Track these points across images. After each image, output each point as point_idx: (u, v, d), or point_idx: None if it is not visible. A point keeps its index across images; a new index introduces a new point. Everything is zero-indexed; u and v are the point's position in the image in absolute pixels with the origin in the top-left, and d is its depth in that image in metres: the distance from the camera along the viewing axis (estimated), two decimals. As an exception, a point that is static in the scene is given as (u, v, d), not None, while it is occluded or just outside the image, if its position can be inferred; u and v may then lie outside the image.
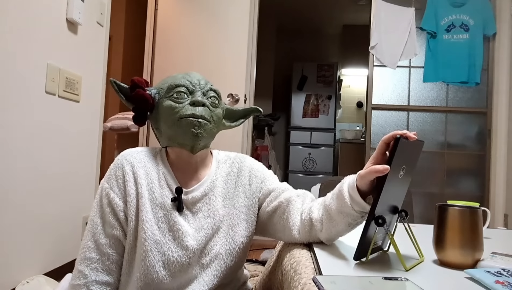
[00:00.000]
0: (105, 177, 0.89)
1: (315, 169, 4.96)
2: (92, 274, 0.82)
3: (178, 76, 0.92)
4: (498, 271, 0.62)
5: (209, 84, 0.92)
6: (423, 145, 0.80)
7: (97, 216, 0.85)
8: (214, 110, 0.90)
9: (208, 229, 0.87)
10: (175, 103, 0.88)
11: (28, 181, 1.55)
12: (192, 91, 0.89)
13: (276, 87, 5.41)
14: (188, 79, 0.90)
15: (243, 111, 1.02)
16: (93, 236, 0.84)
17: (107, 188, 0.86)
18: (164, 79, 0.95)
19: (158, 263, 0.82)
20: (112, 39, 4.07)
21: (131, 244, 0.84)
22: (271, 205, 0.90)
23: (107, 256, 0.83)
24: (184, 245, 0.83)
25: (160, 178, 0.88)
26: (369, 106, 3.13)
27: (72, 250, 1.89)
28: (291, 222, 0.85)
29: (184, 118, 0.86)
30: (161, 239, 0.83)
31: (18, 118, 1.48)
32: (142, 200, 0.84)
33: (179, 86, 0.89)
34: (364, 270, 0.66)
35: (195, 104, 0.87)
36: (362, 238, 0.67)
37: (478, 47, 3.00)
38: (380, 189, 0.66)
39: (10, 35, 1.42)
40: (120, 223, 0.85)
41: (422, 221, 2.80)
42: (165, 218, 0.85)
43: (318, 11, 5.00)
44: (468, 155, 3.08)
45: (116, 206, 0.85)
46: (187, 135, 0.86)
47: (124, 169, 0.87)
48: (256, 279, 1.15)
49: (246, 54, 2.88)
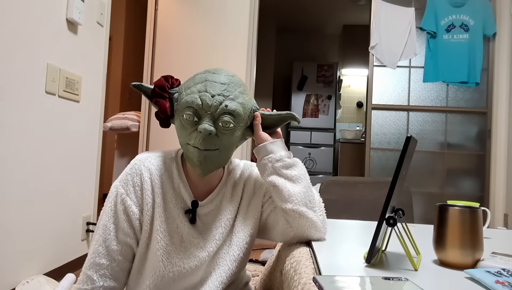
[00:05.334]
0: (120, 180, 0.85)
1: (315, 169, 4.96)
2: (100, 280, 0.81)
3: (197, 86, 0.82)
4: (498, 271, 0.62)
5: (226, 102, 0.79)
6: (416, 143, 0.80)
7: (111, 222, 0.83)
8: (226, 135, 0.82)
9: (219, 240, 0.87)
10: (183, 125, 0.82)
11: (28, 181, 1.55)
12: (201, 115, 0.80)
13: (276, 87, 5.41)
14: (202, 97, 0.79)
15: (276, 119, 0.90)
16: (105, 241, 0.82)
17: (123, 194, 0.83)
18: (190, 79, 0.86)
19: (168, 274, 0.82)
20: (112, 39, 4.08)
21: (142, 252, 0.84)
22: (269, 208, 0.91)
23: (117, 263, 0.83)
24: (196, 256, 0.84)
25: (176, 188, 0.87)
26: (369, 106, 3.13)
27: (72, 250, 1.89)
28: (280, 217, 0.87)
29: (190, 145, 0.81)
30: (173, 250, 0.83)
31: (18, 118, 1.48)
32: (158, 209, 0.83)
33: (189, 108, 0.80)
34: (364, 270, 0.66)
35: (201, 133, 0.79)
36: (374, 240, 0.67)
37: (478, 47, 3.00)
38: (392, 189, 0.66)
39: (10, 35, 1.42)
40: (134, 231, 0.84)
41: (422, 221, 2.81)
42: (178, 229, 0.84)
43: (318, 11, 5.00)
44: (468, 155, 3.08)
45: (132, 213, 0.83)
46: (194, 162, 0.82)
47: (143, 176, 0.84)
48: (256, 279, 1.15)
49: (246, 54, 2.88)
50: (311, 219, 0.83)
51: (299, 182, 0.85)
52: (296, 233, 0.85)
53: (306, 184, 0.86)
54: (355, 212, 1.54)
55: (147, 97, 0.89)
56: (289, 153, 0.88)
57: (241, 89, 0.84)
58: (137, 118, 3.04)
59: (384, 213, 0.66)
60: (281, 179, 0.84)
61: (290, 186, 0.83)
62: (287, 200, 0.83)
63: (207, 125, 0.78)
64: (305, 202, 0.83)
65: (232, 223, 0.90)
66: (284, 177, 0.84)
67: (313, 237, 0.86)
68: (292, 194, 0.83)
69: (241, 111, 0.82)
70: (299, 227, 0.84)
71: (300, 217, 0.82)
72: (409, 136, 0.67)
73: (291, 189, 0.83)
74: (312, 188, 0.87)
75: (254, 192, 0.93)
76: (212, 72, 0.84)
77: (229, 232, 0.89)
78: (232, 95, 0.81)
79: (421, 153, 3.05)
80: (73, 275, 1.59)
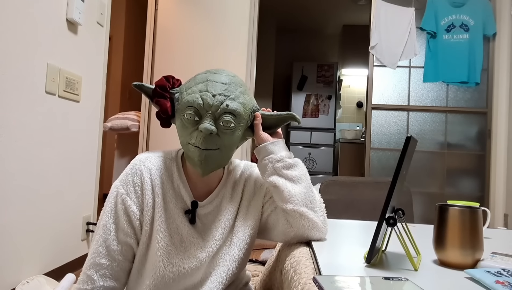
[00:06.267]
0: (120, 180, 0.86)
1: (315, 169, 4.96)
2: (101, 280, 0.81)
3: (198, 86, 0.82)
4: (498, 271, 0.62)
5: (227, 102, 0.80)
6: (416, 143, 0.80)
7: (111, 222, 0.83)
8: (227, 134, 0.82)
9: (219, 241, 0.87)
10: (184, 125, 0.82)
11: (28, 181, 1.55)
12: (202, 115, 0.80)
13: (276, 87, 5.41)
14: (203, 96, 0.79)
15: (276, 119, 0.90)
16: (105, 241, 0.82)
17: (123, 194, 0.84)
18: (191, 79, 0.86)
19: (168, 274, 0.82)
20: (112, 39, 4.08)
21: (143, 252, 0.85)
22: (270, 208, 0.91)
23: (117, 263, 0.83)
24: (196, 256, 0.84)
25: (176, 189, 0.87)
26: (369, 106, 3.13)
27: (72, 250, 1.89)
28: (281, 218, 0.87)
29: (191, 145, 0.82)
30: (173, 250, 0.83)
31: (18, 118, 1.48)
32: (158, 209, 0.84)
33: (190, 107, 0.80)
34: (364, 270, 0.66)
35: (202, 132, 0.79)
36: (374, 240, 0.67)
37: (478, 47, 3.00)
38: (392, 189, 0.66)
39: (10, 35, 1.42)
40: (134, 231, 0.84)
41: (422, 221, 2.81)
42: (178, 229, 0.84)
43: (318, 11, 5.00)
44: (468, 155, 3.08)
45: (132, 214, 0.83)
46: (194, 162, 0.82)
47: (143, 176, 0.85)
48: (256, 279, 1.15)
49: (246, 54, 2.88)
50: (311, 220, 0.83)
51: (299, 183, 0.85)
52: (296, 233, 0.85)
53: (307, 185, 0.86)
54: (355, 212, 1.54)
55: (148, 97, 0.89)
56: (290, 153, 0.88)
57: (242, 89, 0.84)
58: (137, 118, 3.04)
59: (384, 213, 0.66)
60: (281, 179, 0.85)
61: (290, 187, 0.84)
62: (288, 200, 0.83)
63: (208, 125, 0.78)
64: (306, 203, 0.83)
65: (232, 224, 0.90)
66: (285, 178, 0.85)
67: (314, 237, 0.86)
68: (292, 194, 0.83)
69: (242, 111, 0.82)
70: (299, 227, 0.84)
71: (300, 217, 0.83)
72: (409, 136, 0.67)
73: (291, 189, 0.83)
74: (313, 188, 0.88)
75: (255, 192, 0.93)
76: (213, 72, 0.84)
77: (229, 233, 0.89)
78: (233, 95, 0.81)
79: (421, 153, 3.05)
80: (73, 275, 1.59)
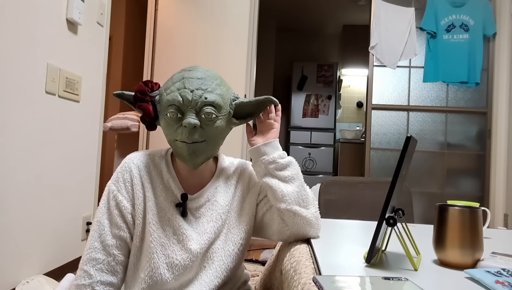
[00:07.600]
0: (112, 179, 0.90)
1: (315, 169, 4.96)
2: (97, 275, 0.83)
3: (175, 85, 0.85)
4: (498, 271, 0.62)
5: (205, 95, 0.83)
6: (416, 143, 0.81)
7: (104, 217, 0.86)
8: (211, 125, 0.84)
9: (210, 233, 0.89)
10: (168, 124, 0.85)
11: (28, 181, 1.55)
12: (184, 111, 0.83)
13: (276, 87, 5.41)
14: (182, 93, 0.82)
15: (253, 104, 0.92)
16: (100, 237, 0.85)
17: (114, 190, 0.88)
18: (168, 80, 0.89)
19: (162, 265, 0.84)
20: (112, 39, 4.07)
21: (138, 245, 0.87)
22: (265, 207, 0.93)
23: (113, 257, 0.85)
24: (188, 249, 0.86)
25: (166, 183, 0.90)
26: (369, 106, 3.13)
27: (72, 250, 1.89)
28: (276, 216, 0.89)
29: (178, 141, 0.85)
30: (166, 242, 0.85)
31: (18, 118, 1.48)
32: (149, 203, 0.87)
33: (171, 106, 0.83)
34: (364, 270, 0.66)
35: (187, 127, 0.82)
36: (374, 240, 0.67)
37: (478, 47, 3.00)
38: (392, 189, 0.66)
39: (10, 35, 1.42)
40: (127, 225, 0.87)
41: (422, 221, 2.80)
42: (169, 222, 0.87)
43: (318, 11, 5.00)
44: (468, 155, 3.08)
45: (124, 208, 0.86)
46: (183, 156, 0.86)
47: (132, 172, 0.89)
48: (256, 279, 1.15)
49: (246, 54, 2.88)
50: (305, 217, 0.86)
51: (292, 182, 0.88)
52: (292, 231, 0.88)
53: (299, 184, 0.89)
54: (355, 212, 1.54)
55: (130, 103, 0.92)
56: (283, 153, 0.91)
57: (217, 82, 0.87)
58: (137, 118, 3.04)
59: (384, 213, 0.66)
60: (274, 180, 0.88)
61: (283, 187, 0.87)
62: (281, 200, 0.86)
63: (191, 119, 0.82)
64: (298, 201, 0.86)
65: (225, 218, 0.91)
66: (278, 178, 0.88)
67: (309, 234, 0.88)
68: (285, 194, 0.86)
69: (221, 101, 0.86)
70: (294, 225, 0.86)
71: (294, 215, 0.85)
72: (409, 136, 0.67)
73: (284, 189, 0.86)
74: (306, 187, 0.90)
75: (249, 189, 0.96)
76: (188, 70, 0.88)
77: (221, 227, 0.91)
78: (210, 88, 0.85)
79: (421, 153, 3.05)
80: (73, 275, 1.59)
